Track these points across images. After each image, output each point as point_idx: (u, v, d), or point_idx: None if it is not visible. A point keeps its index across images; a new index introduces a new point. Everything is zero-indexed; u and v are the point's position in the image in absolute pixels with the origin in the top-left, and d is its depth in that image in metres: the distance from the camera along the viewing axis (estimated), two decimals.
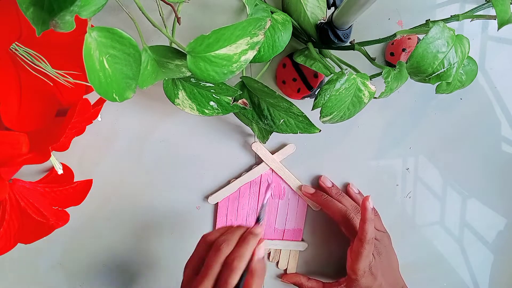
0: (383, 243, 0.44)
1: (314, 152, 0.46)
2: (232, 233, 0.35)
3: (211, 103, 0.37)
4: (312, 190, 0.46)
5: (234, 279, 0.32)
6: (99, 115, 0.38)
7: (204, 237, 0.37)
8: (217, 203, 0.46)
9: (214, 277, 0.33)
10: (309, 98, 0.43)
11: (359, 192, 0.48)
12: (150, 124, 0.43)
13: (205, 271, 0.33)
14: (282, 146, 0.45)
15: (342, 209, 0.44)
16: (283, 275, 0.49)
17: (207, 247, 0.35)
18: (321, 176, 0.47)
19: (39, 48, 0.31)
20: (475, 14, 0.36)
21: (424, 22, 0.35)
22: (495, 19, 0.31)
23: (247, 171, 0.46)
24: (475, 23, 0.43)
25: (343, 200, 0.45)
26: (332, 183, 0.47)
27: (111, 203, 0.46)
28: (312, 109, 0.33)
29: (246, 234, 0.35)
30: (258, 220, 0.40)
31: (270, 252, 0.49)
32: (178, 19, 0.32)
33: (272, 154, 0.45)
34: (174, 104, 0.36)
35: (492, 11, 0.36)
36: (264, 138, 0.41)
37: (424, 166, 0.49)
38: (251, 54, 0.31)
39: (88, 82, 0.24)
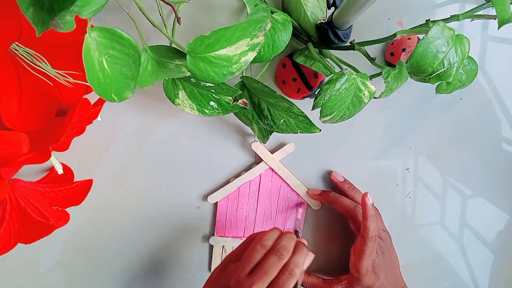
0: (386, 242, 0.45)
1: (314, 152, 0.46)
2: (288, 240, 0.37)
3: (211, 103, 0.37)
4: (319, 191, 0.46)
5: (291, 285, 0.34)
6: (99, 115, 0.38)
7: (258, 239, 0.37)
8: (217, 202, 0.46)
9: (270, 280, 0.34)
10: (309, 98, 0.43)
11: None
12: (150, 124, 0.43)
13: (263, 273, 0.34)
14: (282, 145, 0.45)
15: (351, 206, 0.44)
16: None
17: (262, 250, 0.36)
18: (332, 171, 0.47)
19: (39, 48, 0.31)
20: (475, 14, 0.36)
21: (424, 22, 0.35)
22: (495, 19, 0.31)
23: (247, 170, 0.46)
24: (475, 23, 0.43)
25: (356, 195, 0.45)
26: (344, 178, 0.47)
27: (111, 203, 0.46)
28: (312, 109, 0.33)
29: (299, 243, 0.37)
30: (296, 234, 0.41)
31: None
32: (178, 19, 0.32)
33: (272, 154, 0.45)
34: (174, 104, 0.36)
35: (492, 11, 0.36)
36: (264, 138, 0.41)
37: (424, 166, 0.49)
38: (251, 56, 0.31)
39: (88, 82, 0.24)
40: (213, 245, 0.48)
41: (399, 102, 0.46)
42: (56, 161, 0.37)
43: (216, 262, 0.48)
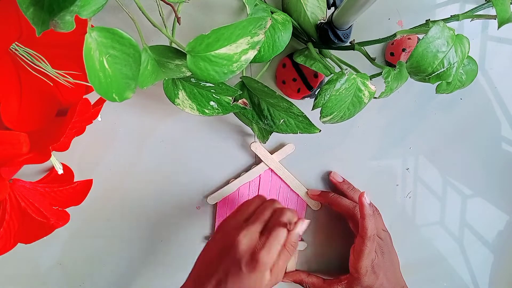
0: (386, 242, 0.45)
1: (314, 152, 0.46)
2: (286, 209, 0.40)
3: (211, 103, 0.37)
4: (318, 191, 0.46)
5: (281, 218, 0.36)
6: (99, 115, 0.38)
7: (259, 196, 0.41)
8: (216, 203, 0.46)
9: (264, 221, 0.37)
10: (309, 98, 0.43)
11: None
12: (150, 124, 0.43)
13: (258, 214, 0.37)
14: (282, 145, 0.45)
15: (350, 206, 0.44)
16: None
17: (262, 203, 0.40)
18: (331, 171, 0.47)
19: (39, 48, 0.31)
20: (475, 14, 0.36)
21: (424, 22, 0.35)
22: (495, 19, 0.31)
23: (246, 171, 0.46)
24: (475, 23, 0.43)
25: (355, 195, 0.45)
26: (343, 178, 0.47)
27: (111, 203, 0.46)
28: (312, 109, 0.33)
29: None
30: None
31: None
32: (178, 19, 0.32)
33: (271, 154, 0.45)
34: (174, 104, 0.36)
35: (492, 11, 0.36)
36: (264, 138, 0.41)
37: (424, 166, 0.49)
38: (252, 54, 0.31)
39: (88, 82, 0.24)
40: None
41: (399, 102, 0.46)
42: (56, 161, 0.37)
43: None
